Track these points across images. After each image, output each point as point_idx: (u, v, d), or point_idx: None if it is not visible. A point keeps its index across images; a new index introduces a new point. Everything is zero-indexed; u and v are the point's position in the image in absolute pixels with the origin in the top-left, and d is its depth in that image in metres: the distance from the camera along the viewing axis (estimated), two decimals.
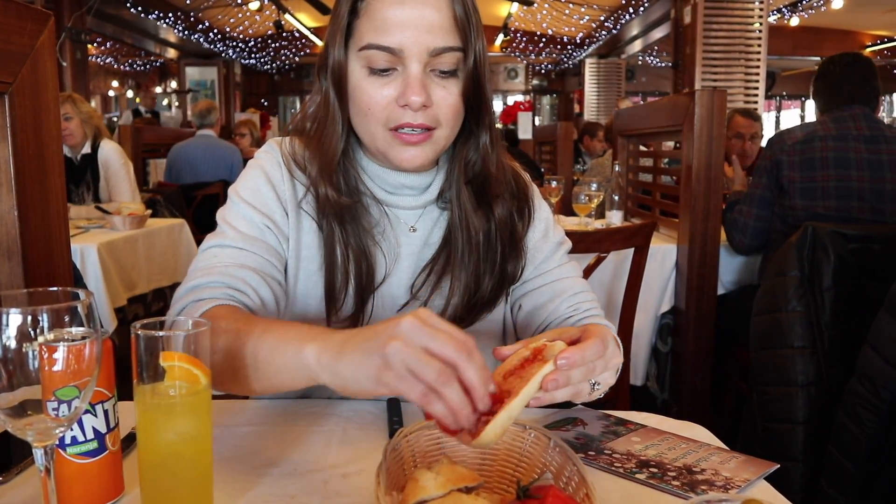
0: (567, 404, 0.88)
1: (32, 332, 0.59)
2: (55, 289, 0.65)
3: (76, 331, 0.61)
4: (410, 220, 1.09)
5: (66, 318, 0.61)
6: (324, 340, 0.72)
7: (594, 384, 0.77)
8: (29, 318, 0.59)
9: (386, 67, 0.95)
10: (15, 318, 0.58)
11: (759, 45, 7.17)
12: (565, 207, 3.69)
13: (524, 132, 7.43)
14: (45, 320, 0.59)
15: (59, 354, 0.61)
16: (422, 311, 0.66)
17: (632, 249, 2.29)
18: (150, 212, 3.38)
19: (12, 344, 0.59)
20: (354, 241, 1.03)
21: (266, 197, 1.03)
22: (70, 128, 3.57)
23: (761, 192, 2.54)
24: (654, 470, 0.85)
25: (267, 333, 0.78)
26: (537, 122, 13.63)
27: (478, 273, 1.06)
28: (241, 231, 1.00)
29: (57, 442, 0.65)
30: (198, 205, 4.79)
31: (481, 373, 0.63)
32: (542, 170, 5.58)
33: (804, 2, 9.52)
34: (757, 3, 7.15)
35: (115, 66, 13.65)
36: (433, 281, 1.07)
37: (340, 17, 0.97)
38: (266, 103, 15.20)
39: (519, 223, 1.11)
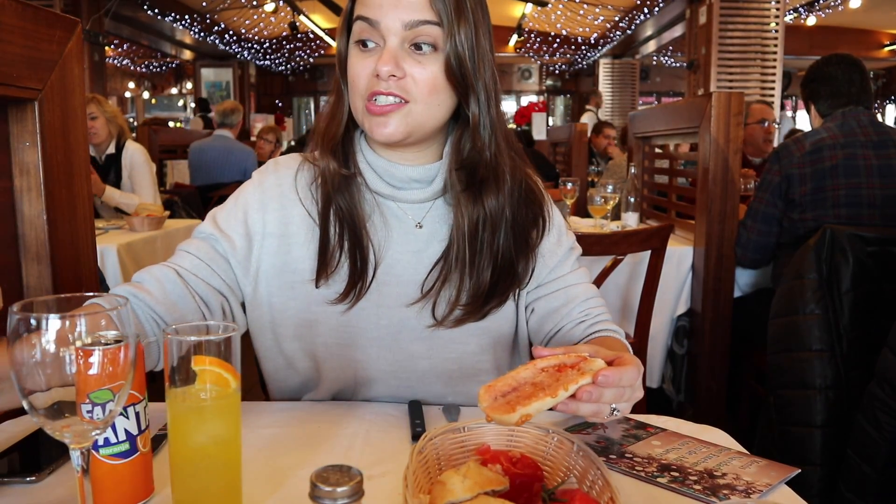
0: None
1: (70, 337, 0.61)
2: (91, 294, 0.67)
3: (109, 334, 0.63)
4: (418, 215, 1.12)
5: (103, 323, 0.62)
6: None
7: (614, 409, 0.82)
8: (67, 323, 0.60)
9: (367, 39, 1.01)
10: (54, 324, 0.60)
11: (776, 45, 7.13)
12: (580, 209, 3.69)
13: (538, 133, 7.43)
14: (82, 325, 0.61)
15: (95, 358, 0.62)
16: None
17: (648, 252, 2.29)
18: (168, 213, 3.41)
19: (51, 348, 0.60)
20: (347, 208, 1.08)
21: (234, 220, 1.17)
22: (95, 126, 3.69)
23: (765, 208, 2.51)
24: (676, 474, 0.86)
25: None
26: (551, 123, 13.60)
27: (473, 263, 1.07)
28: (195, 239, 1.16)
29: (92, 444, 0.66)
30: (214, 205, 4.80)
31: None
32: (557, 171, 5.57)
33: (821, 1, 9.43)
34: (773, 3, 7.11)
35: (132, 68, 13.78)
36: (444, 276, 1.08)
37: (346, 9, 1.06)
38: (280, 104, 15.28)
39: (533, 230, 1.13)
